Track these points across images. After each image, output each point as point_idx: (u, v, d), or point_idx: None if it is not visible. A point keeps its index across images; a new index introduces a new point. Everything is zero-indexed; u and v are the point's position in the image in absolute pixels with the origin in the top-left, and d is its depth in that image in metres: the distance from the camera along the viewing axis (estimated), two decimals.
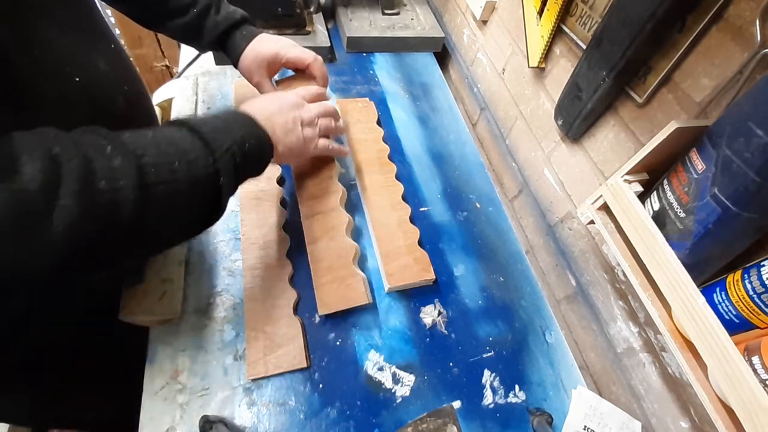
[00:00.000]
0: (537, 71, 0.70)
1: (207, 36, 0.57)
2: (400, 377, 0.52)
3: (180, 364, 0.48)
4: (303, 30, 0.85)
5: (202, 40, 0.57)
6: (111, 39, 0.45)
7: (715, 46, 0.42)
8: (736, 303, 0.38)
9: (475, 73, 0.91)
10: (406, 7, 1.00)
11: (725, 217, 0.37)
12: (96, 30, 0.43)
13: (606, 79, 0.51)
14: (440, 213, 0.69)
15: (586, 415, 0.52)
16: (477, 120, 0.91)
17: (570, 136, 0.62)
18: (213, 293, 0.53)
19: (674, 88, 0.47)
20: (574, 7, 0.59)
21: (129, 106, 0.45)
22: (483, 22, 0.84)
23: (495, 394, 0.54)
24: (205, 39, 0.57)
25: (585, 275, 0.62)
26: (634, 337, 0.55)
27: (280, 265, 0.55)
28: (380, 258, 0.59)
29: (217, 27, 0.56)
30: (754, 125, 0.33)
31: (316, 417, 0.48)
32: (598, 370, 0.62)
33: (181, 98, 0.73)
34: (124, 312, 0.48)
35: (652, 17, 0.43)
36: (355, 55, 0.92)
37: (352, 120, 0.75)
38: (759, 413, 0.34)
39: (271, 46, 0.58)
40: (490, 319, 0.60)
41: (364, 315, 0.56)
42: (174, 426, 0.45)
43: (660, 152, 0.43)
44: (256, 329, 0.50)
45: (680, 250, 0.41)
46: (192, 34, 0.57)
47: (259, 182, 0.62)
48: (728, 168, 0.36)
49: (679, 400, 0.50)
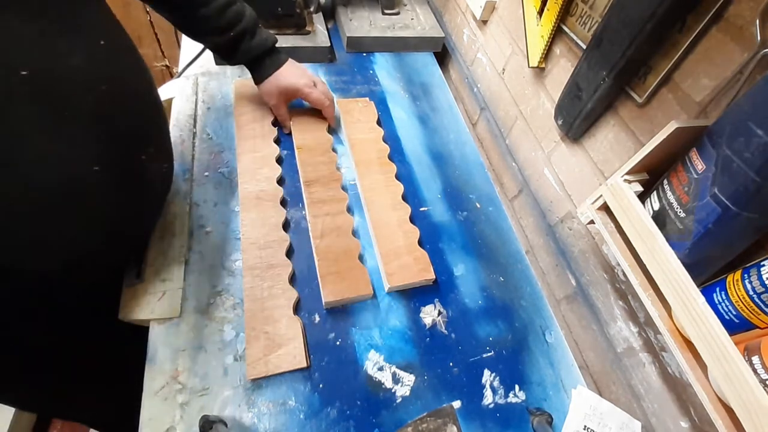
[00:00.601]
0: (537, 71, 0.70)
1: (239, 58, 0.62)
2: (400, 377, 0.52)
3: (180, 364, 0.48)
4: (303, 30, 0.85)
5: (232, 60, 0.63)
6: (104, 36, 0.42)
7: (715, 46, 0.42)
8: (736, 303, 0.38)
9: (475, 72, 0.91)
10: (406, 7, 1.00)
11: (725, 216, 0.37)
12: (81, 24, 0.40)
13: (606, 79, 0.51)
14: (440, 213, 0.69)
15: (586, 414, 0.52)
16: (477, 120, 0.91)
17: (570, 136, 0.62)
18: (213, 293, 0.53)
19: (674, 88, 0.47)
20: (574, 6, 0.59)
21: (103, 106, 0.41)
22: (483, 22, 0.84)
23: (495, 394, 0.54)
24: (235, 60, 0.62)
25: (585, 275, 0.62)
26: (634, 336, 0.55)
27: (280, 265, 0.56)
28: (380, 258, 0.59)
29: (250, 52, 0.62)
30: (754, 125, 0.33)
31: (316, 417, 0.48)
32: (598, 370, 0.62)
33: (181, 98, 0.73)
34: (124, 312, 0.48)
35: (652, 17, 0.43)
36: (355, 55, 0.92)
37: (352, 120, 0.75)
38: (759, 413, 0.34)
39: (294, 82, 0.65)
40: (490, 319, 0.60)
41: (364, 315, 0.56)
42: (174, 426, 0.45)
43: (660, 152, 0.43)
44: (256, 329, 0.50)
45: (680, 250, 0.41)
46: (224, 53, 0.62)
47: (259, 182, 0.63)
48: (728, 168, 0.36)
49: (679, 399, 0.50)
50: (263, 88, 0.66)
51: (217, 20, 0.56)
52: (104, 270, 0.51)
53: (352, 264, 0.57)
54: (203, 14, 0.55)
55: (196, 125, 0.70)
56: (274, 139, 0.68)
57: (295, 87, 0.65)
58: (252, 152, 0.66)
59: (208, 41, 0.60)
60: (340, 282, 0.55)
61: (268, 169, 0.64)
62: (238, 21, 0.58)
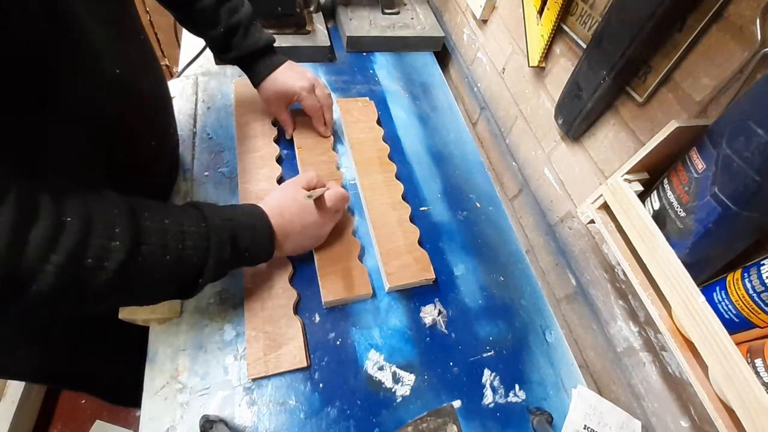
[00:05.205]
0: (537, 70, 0.70)
1: (233, 54, 0.61)
2: (401, 376, 0.52)
3: (180, 364, 0.48)
4: (303, 29, 0.85)
5: (226, 55, 0.62)
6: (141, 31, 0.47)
7: (716, 45, 0.42)
8: (736, 302, 0.38)
9: (475, 72, 0.90)
10: (406, 7, 1.00)
11: (725, 216, 0.37)
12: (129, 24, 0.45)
13: (606, 79, 0.51)
14: (440, 212, 0.69)
15: (586, 414, 0.53)
16: (477, 119, 0.91)
17: (570, 136, 0.62)
18: (213, 293, 0.53)
19: (674, 88, 0.47)
20: (574, 6, 0.59)
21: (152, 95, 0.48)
22: (483, 22, 0.84)
23: (495, 394, 0.54)
24: (230, 56, 0.62)
25: (585, 275, 0.62)
26: (634, 336, 0.55)
27: (280, 265, 0.56)
28: (380, 257, 0.59)
29: (243, 49, 0.61)
30: (754, 124, 0.33)
31: (317, 416, 0.48)
32: (598, 370, 0.62)
33: (181, 98, 0.73)
34: (124, 312, 0.48)
35: (653, 16, 0.43)
36: (355, 55, 0.92)
37: (352, 119, 0.75)
38: (759, 413, 0.34)
39: (292, 85, 0.64)
40: (490, 319, 0.60)
41: (364, 314, 0.56)
42: (174, 426, 0.45)
43: (660, 151, 0.43)
44: (257, 329, 0.50)
45: (680, 250, 0.41)
46: (219, 48, 0.62)
47: (259, 182, 0.62)
48: (728, 167, 0.36)
49: (679, 399, 0.50)
50: (262, 94, 0.65)
51: (212, 14, 0.57)
52: None
53: (352, 264, 0.57)
54: (200, 7, 0.56)
55: (196, 125, 0.70)
56: (274, 139, 0.68)
57: (292, 90, 0.64)
58: (252, 152, 0.66)
59: (205, 35, 0.61)
60: (340, 281, 0.55)
61: (268, 168, 0.64)
62: (231, 15, 0.58)
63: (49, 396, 1.08)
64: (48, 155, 0.36)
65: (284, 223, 0.49)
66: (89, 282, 0.32)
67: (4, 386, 0.98)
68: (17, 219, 0.28)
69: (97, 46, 0.36)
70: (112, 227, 0.33)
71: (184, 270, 0.39)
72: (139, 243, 0.35)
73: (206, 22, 0.58)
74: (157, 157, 0.54)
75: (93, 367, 0.72)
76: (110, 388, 0.82)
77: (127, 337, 0.58)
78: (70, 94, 0.35)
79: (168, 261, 0.37)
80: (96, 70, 0.37)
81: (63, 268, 0.30)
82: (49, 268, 0.29)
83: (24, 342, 0.55)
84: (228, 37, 0.59)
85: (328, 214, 0.54)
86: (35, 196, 0.30)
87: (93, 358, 0.69)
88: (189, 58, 0.77)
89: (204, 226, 0.41)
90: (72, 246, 0.30)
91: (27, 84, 0.31)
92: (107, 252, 0.32)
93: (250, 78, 0.65)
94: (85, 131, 0.39)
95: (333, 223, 0.57)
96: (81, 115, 0.37)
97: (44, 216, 0.29)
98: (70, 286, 0.31)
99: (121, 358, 0.69)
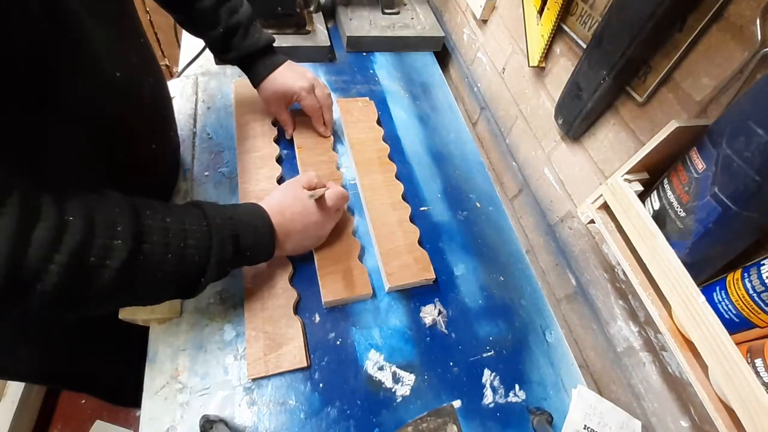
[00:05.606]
0: (537, 70, 0.70)
1: (232, 54, 0.61)
2: (401, 376, 0.52)
3: (180, 364, 0.48)
4: (303, 29, 0.85)
5: (226, 56, 0.62)
6: (141, 32, 0.47)
7: (716, 45, 0.42)
8: (736, 302, 0.38)
9: (475, 72, 0.90)
10: (406, 7, 1.00)
11: (725, 216, 0.37)
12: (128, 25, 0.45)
13: (606, 79, 0.51)
14: (440, 212, 0.69)
15: (586, 414, 0.53)
16: (477, 119, 0.91)
17: (570, 136, 0.62)
18: (213, 293, 0.53)
19: (674, 88, 0.47)
20: (574, 6, 0.59)
21: (152, 96, 0.48)
22: (483, 22, 0.84)
23: (495, 394, 0.54)
24: (229, 56, 0.62)
25: (585, 274, 0.62)
26: (634, 336, 0.55)
27: (280, 265, 0.56)
28: (380, 257, 0.59)
29: (242, 49, 0.61)
30: (754, 124, 0.33)
31: (317, 416, 0.48)
32: (598, 370, 0.62)
33: (181, 98, 0.73)
34: (124, 312, 0.48)
35: (653, 16, 0.43)
36: (355, 55, 0.92)
37: (352, 119, 0.75)
38: (759, 413, 0.34)
39: (291, 85, 0.64)
40: (491, 319, 0.60)
41: (364, 314, 0.56)
42: (174, 426, 0.45)
43: (660, 151, 0.43)
44: (257, 329, 0.50)
45: (680, 250, 0.41)
46: (218, 48, 0.62)
47: (259, 182, 0.62)
48: (728, 167, 0.36)
49: (679, 399, 0.50)
50: (261, 94, 0.66)
51: (212, 14, 0.57)
52: None
53: (352, 264, 0.57)
54: (200, 8, 0.56)
55: (196, 125, 0.70)
56: (274, 139, 0.68)
57: (292, 90, 0.64)
58: (252, 152, 0.66)
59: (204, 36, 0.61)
60: (340, 281, 0.55)
61: (268, 168, 0.64)
62: (231, 15, 0.58)
63: (49, 396, 1.08)
64: (48, 155, 0.37)
65: (285, 222, 0.49)
66: (92, 281, 0.32)
67: (4, 386, 0.98)
68: (20, 220, 0.28)
69: (97, 46, 0.36)
70: (114, 226, 0.33)
71: (186, 269, 0.39)
72: (141, 241, 0.35)
73: (206, 22, 0.58)
74: (157, 158, 0.54)
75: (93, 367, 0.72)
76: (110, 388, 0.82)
77: (127, 337, 0.58)
78: (70, 95, 0.35)
79: (170, 260, 0.37)
80: (96, 71, 0.37)
81: (66, 268, 0.30)
82: (52, 267, 0.29)
83: (24, 342, 0.56)
84: (228, 38, 0.59)
85: (329, 214, 0.55)
86: (37, 197, 0.30)
87: (93, 358, 0.69)
88: (189, 58, 0.77)
89: (206, 225, 0.41)
90: (75, 245, 0.30)
91: (27, 84, 0.31)
92: (110, 251, 0.32)
93: (250, 78, 0.65)
94: (86, 131, 0.39)
95: (334, 222, 0.57)
96: (81, 115, 0.37)
97: (47, 216, 0.29)
98: (74, 286, 0.31)
99: (121, 358, 0.69)
